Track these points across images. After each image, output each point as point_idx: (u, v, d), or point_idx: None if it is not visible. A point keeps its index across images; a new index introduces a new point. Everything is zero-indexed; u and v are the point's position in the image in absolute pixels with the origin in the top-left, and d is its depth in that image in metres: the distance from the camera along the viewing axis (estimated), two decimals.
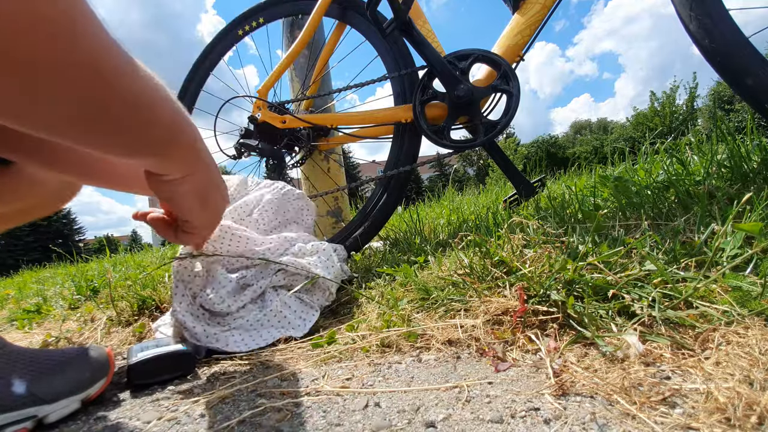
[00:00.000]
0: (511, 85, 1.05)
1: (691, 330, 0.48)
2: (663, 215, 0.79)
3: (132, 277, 1.39)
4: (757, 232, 0.53)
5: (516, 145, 28.89)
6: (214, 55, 1.46)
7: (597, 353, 0.49)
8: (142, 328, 0.99)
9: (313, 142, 1.37)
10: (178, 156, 0.48)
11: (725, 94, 24.37)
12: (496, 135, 1.07)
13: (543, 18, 1.09)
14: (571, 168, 2.16)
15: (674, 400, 0.38)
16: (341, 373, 0.58)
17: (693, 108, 23.85)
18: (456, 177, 25.26)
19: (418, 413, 0.44)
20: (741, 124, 2.63)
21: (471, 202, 2.17)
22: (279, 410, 0.49)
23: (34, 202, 0.55)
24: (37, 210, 0.57)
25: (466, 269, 0.73)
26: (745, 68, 0.81)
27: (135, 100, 0.39)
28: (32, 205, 0.56)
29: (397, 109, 1.17)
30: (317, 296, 0.86)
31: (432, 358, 0.58)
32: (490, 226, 1.01)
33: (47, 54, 0.30)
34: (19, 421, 0.49)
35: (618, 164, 1.39)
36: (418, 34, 1.08)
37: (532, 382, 0.47)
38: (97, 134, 0.39)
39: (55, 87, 0.32)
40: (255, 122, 1.31)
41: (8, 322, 1.51)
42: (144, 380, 0.63)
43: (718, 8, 0.83)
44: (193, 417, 0.51)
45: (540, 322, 0.57)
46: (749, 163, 0.86)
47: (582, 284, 0.58)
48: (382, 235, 1.35)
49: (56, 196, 0.57)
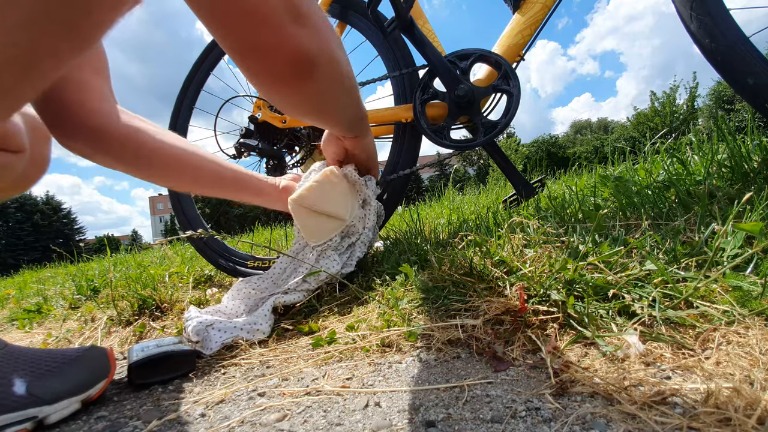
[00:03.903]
0: (511, 85, 1.05)
1: (691, 330, 0.48)
2: (663, 215, 0.79)
3: (133, 277, 1.39)
4: (757, 231, 0.53)
5: (517, 145, 28.87)
6: (215, 54, 1.46)
7: (597, 353, 0.49)
8: (142, 327, 0.99)
9: (313, 142, 1.37)
10: (365, 124, 0.87)
11: (726, 93, 24.35)
12: (496, 135, 1.07)
13: (543, 17, 1.09)
14: (571, 168, 2.16)
15: (674, 400, 0.38)
16: (341, 372, 0.58)
17: (693, 108, 23.84)
18: (456, 177, 25.26)
19: (418, 413, 0.44)
20: (741, 124, 2.63)
21: (471, 202, 2.17)
22: (279, 410, 0.49)
23: (1, 186, 0.55)
24: (1, 193, 0.58)
25: (466, 269, 0.73)
26: (746, 68, 0.81)
27: (354, 85, 0.69)
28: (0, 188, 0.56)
29: (398, 108, 1.17)
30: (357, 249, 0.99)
31: (432, 357, 0.58)
32: (490, 226, 1.01)
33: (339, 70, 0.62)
34: (20, 422, 0.49)
35: (618, 164, 1.39)
36: (419, 33, 1.08)
37: (533, 381, 0.47)
38: (345, 111, 0.75)
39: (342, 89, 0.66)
40: (255, 122, 1.31)
41: (9, 322, 1.51)
42: (144, 380, 0.63)
43: (719, 8, 0.83)
44: (194, 417, 0.51)
45: (540, 321, 0.57)
46: (750, 163, 0.86)
47: (582, 284, 0.58)
48: (382, 235, 1.35)
49: (20, 180, 0.58)
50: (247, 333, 0.78)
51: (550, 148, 36.44)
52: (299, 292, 0.90)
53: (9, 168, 0.53)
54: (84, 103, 0.67)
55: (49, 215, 33.27)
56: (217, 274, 1.52)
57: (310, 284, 0.91)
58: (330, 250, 0.94)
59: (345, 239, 0.97)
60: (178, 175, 0.83)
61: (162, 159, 0.78)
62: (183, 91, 1.45)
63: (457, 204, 2.18)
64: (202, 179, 0.86)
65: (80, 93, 0.66)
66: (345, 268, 0.95)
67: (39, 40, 0.30)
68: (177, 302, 1.11)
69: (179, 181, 0.85)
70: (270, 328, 0.81)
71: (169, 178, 0.83)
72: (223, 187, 0.91)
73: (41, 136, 0.60)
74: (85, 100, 0.67)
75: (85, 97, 0.67)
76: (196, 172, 0.84)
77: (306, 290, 0.91)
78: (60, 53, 0.33)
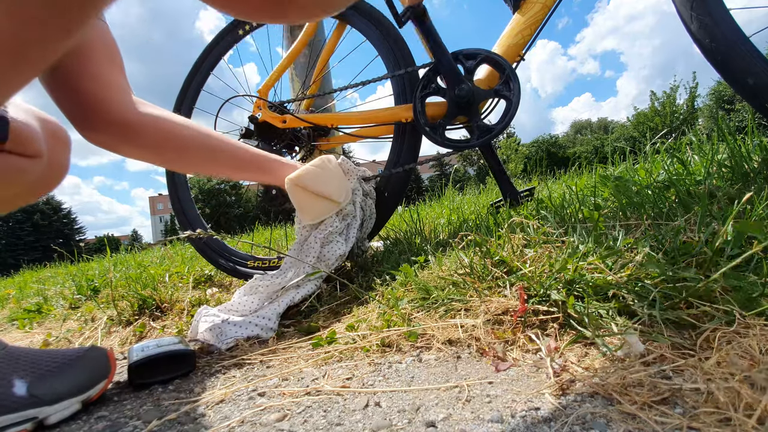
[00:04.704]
0: (511, 92, 1.05)
1: (691, 330, 0.48)
2: (663, 215, 0.79)
3: (134, 277, 1.39)
4: (757, 231, 0.53)
5: (517, 145, 28.85)
6: (215, 54, 1.46)
7: (597, 353, 0.49)
8: (142, 327, 0.99)
9: (313, 142, 1.37)
10: None
11: (726, 93, 24.35)
12: (490, 139, 1.08)
13: (543, 18, 1.09)
14: (571, 168, 2.15)
15: (674, 400, 0.38)
16: (341, 372, 0.58)
17: (693, 108, 23.84)
18: (456, 177, 25.25)
19: (418, 413, 0.44)
20: (742, 124, 2.64)
21: (471, 202, 2.17)
22: (279, 410, 0.49)
23: (17, 191, 0.55)
24: (18, 199, 0.58)
25: (466, 269, 0.73)
26: (747, 68, 0.81)
27: None
28: (15, 194, 0.56)
29: (398, 108, 1.17)
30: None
31: (432, 357, 0.58)
32: (490, 226, 1.01)
33: None
34: (20, 423, 0.49)
35: (618, 164, 1.39)
36: (430, 23, 1.08)
37: (533, 381, 0.47)
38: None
39: None
40: (255, 122, 1.31)
41: (9, 322, 1.51)
42: (144, 380, 0.63)
43: (719, 8, 0.83)
44: (194, 417, 0.51)
45: (540, 321, 0.57)
46: (750, 163, 0.86)
47: (582, 284, 0.58)
48: (382, 235, 1.35)
49: (37, 185, 0.58)
50: (261, 330, 0.81)
51: (550, 148, 36.44)
52: (312, 282, 0.93)
53: (25, 173, 0.53)
54: (106, 96, 0.69)
55: (49, 215, 33.29)
56: (217, 274, 1.52)
57: (321, 275, 0.95)
58: (334, 234, 0.98)
59: (343, 221, 1.02)
60: (197, 158, 0.85)
61: (182, 143, 0.81)
62: (183, 91, 1.45)
63: (457, 204, 2.18)
64: (222, 160, 0.88)
65: (102, 87, 0.68)
66: (347, 244, 1.00)
67: (24, 27, 0.29)
68: (177, 302, 1.11)
69: (198, 163, 0.86)
70: (277, 326, 0.84)
71: (189, 161, 0.85)
72: (241, 168, 0.93)
73: (60, 142, 0.60)
74: (107, 93, 0.69)
75: (107, 90, 0.69)
76: (215, 153, 0.86)
77: (318, 278, 0.94)
78: (47, 41, 0.32)
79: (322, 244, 0.96)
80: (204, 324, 0.82)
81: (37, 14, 0.29)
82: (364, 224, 1.08)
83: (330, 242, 0.97)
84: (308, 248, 0.96)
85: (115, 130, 0.71)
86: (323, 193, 0.96)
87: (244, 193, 21.96)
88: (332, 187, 0.98)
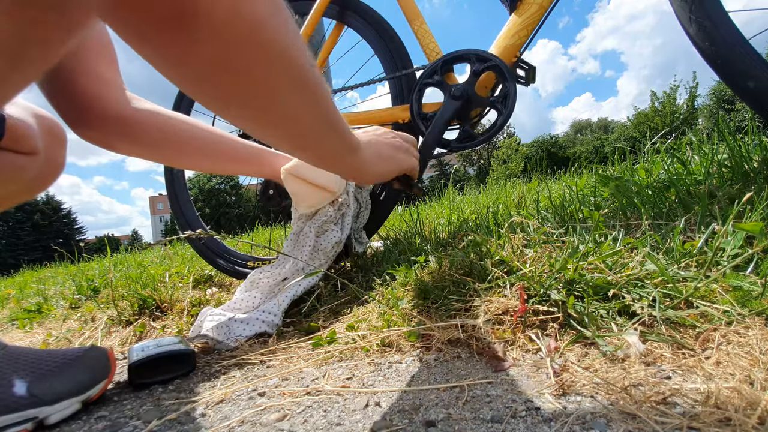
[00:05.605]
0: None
1: (691, 330, 0.48)
2: (663, 215, 0.79)
3: (134, 277, 1.39)
4: (757, 231, 0.53)
5: (517, 145, 28.85)
6: None
7: (597, 353, 0.49)
8: (142, 327, 0.99)
9: None
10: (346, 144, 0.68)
11: (726, 93, 24.36)
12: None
13: (540, 18, 1.09)
14: (571, 168, 2.15)
15: (674, 400, 0.38)
16: (342, 372, 0.58)
17: (694, 108, 23.85)
18: (456, 177, 25.23)
19: (418, 413, 0.44)
20: (742, 124, 2.65)
21: (471, 202, 2.17)
22: (279, 410, 0.49)
23: (14, 188, 0.55)
24: (14, 196, 0.58)
25: (466, 269, 0.73)
26: (747, 71, 0.81)
27: (310, 77, 0.50)
28: (12, 192, 0.56)
29: (395, 109, 1.17)
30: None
31: (432, 357, 0.58)
32: (490, 226, 1.01)
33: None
34: (20, 423, 0.49)
35: (618, 164, 1.39)
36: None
37: (533, 381, 0.47)
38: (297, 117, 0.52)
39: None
40: None
41: (9, 322, 1.51)
42: (144, 380, 0.63)
43: (718, 11, 0.82)
44: (194, 417, 0.51)
45: (540, 321, 0.57)
46: (750, 163, 0.86)
47: (582, 284, 0.58)
48: (382, 235, 1.35)
49: (34, 182, 0.57)
50: (267, 326, 0.82)
51: (550, 148, 36.41)
52: (312, 276, 0.94)
53: (22, 170, 0.53)
54: (101, 92, 0.68)
55: (49, 215, 33.30)
56: (217, 274, 1.52)
57: (322, 265, 0.97)
58: (328, 223, 1.00)
59: (338, 211, 1.03)
60: (194, 152, 0.85)
61: (178, 137, 0.80)
62: (181, 93, 1.45)
63: (457, 204, 2.18)
64: (219, 153, 0.88)
65: (96, 83, 0.67)
66: (343, 232, 1.01)
67: (25, 27, 0.29)
68: (177, 302, 1.11)
69: (195, 157, 0.86)
70: (282, 321, 0.86)
71: (186, 155, 0.85)
72: (238, 160, 0.93)
73: (56, 139, 0.60)
74: (102, 89, 0.68)
75: (101, 86, 0.68)
76: (211, 146, 0.86)
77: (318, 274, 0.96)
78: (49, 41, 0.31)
79: (317, 233, 0.97)
80: (210, 322, 0.82)
81: (38, 14, 0.29)
82: (360, 215, 1.10)
83: (325, 231, 0.98)
84: (304, 238, 0.97)
85: (110, 127, 0.70)
86: (318, 182, 0.98)
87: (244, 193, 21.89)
88: (327, 176, 0.99)
